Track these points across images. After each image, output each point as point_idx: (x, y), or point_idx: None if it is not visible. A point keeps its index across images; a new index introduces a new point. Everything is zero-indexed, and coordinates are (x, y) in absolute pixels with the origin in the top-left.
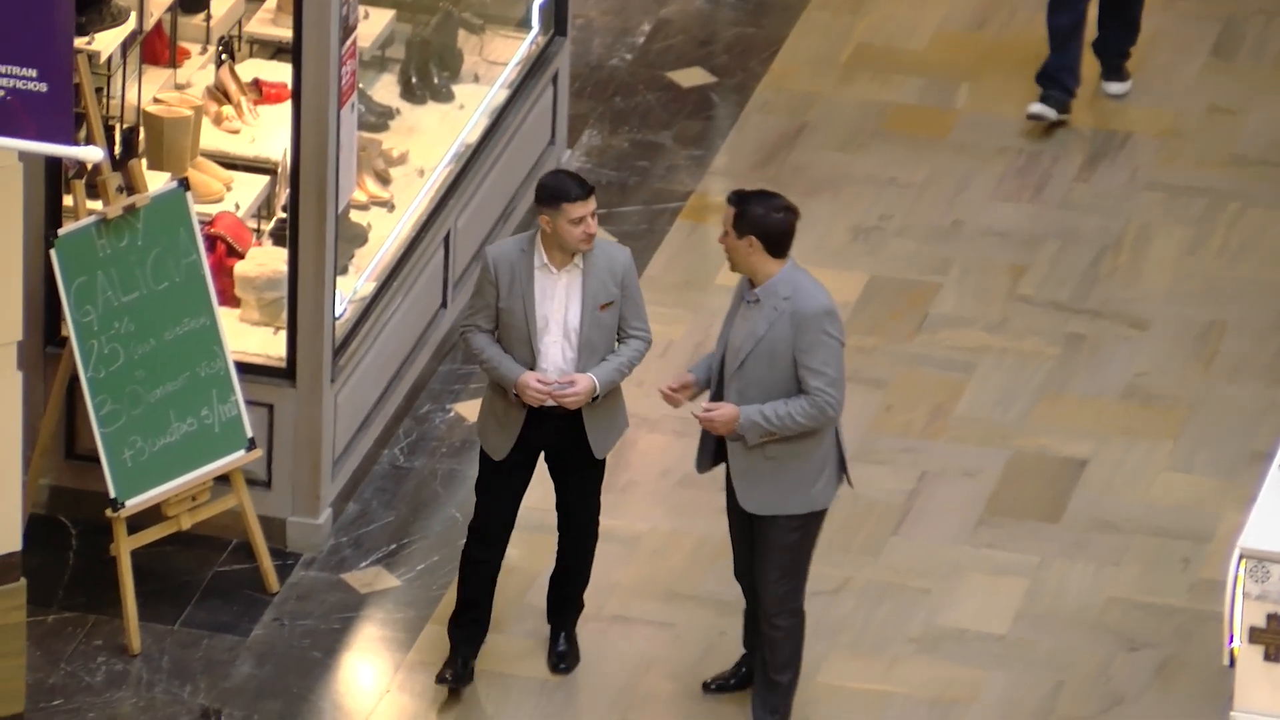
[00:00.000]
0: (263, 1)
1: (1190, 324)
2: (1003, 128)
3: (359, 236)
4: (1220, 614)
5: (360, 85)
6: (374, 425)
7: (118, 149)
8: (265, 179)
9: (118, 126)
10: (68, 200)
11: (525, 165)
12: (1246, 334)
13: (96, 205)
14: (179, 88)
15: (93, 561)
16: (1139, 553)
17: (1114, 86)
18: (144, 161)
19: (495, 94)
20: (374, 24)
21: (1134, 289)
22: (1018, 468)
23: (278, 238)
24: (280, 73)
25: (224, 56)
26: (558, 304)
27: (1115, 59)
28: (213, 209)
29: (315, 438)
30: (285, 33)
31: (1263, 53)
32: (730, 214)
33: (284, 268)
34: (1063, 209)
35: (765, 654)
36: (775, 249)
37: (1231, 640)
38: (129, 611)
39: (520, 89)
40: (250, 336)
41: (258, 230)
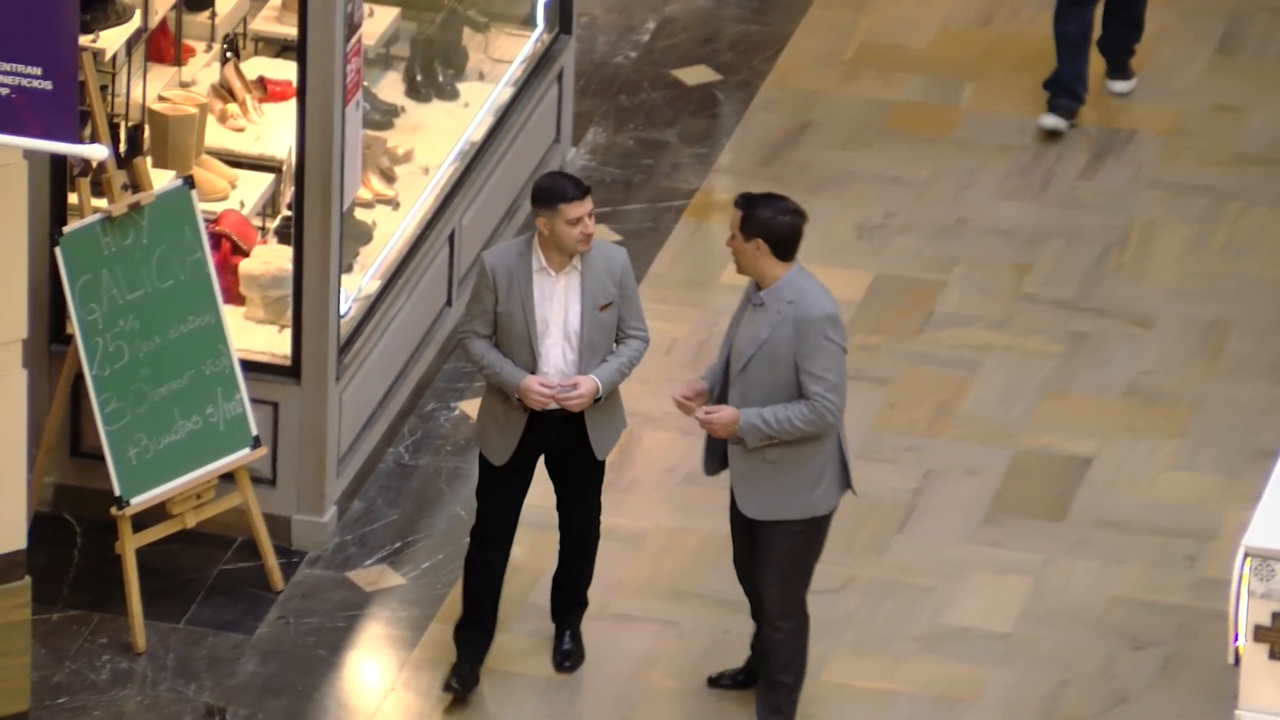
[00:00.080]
0: None
1: (1194, 322)
2: (1007, 125)
3: (364, 234)
4: (1225, 612)
5: (365, 83)
6: (379, 423)
7: (122, 147)
8: (270, 177)
9: (122, 124)
10: (73, 198)
11: (530, 163)
12: (1250, 332)
13: (101, 203)
14: (184, 85)
15: (98, 559)
16: (1143, 551)
17: (1119, 85)
18: (149, 159)
19: (500, 92)
20: (379, 21)
21: (1138, 287)
22: (1022, 466)
23: (283, 235)
24: (285, 70)
25: (229, 54)
26: (557, 306)
27: (1120, 56)
28: (218, 207)
29: (320, 436)
30: (290, 30)
31: (1267, 51)
32: (737, 217)
33: (289, 265)
34: (1067, 207)
35: (769, 655)
36: (782, 252)
37: (1236, 639)
38: (134, 609)
39: (525, 87)
40: (255, 334)
41: (263, 228)
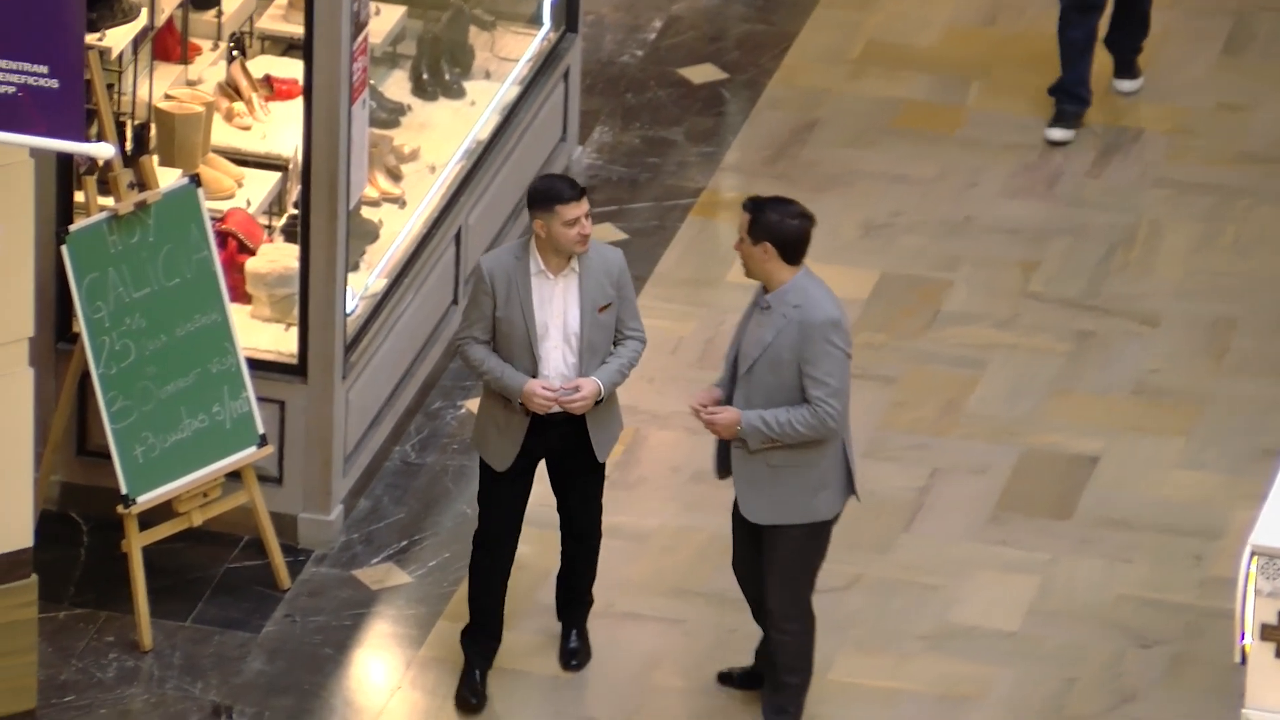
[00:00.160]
0: None
1: (1200, 320)
2: (1013, 124)
3: (370, 233)
4: (1231, 611)
5: (372, 81)
6: (385, 421)
7: (129, 145)
8: (276, 175)
9: (129, 123)
10: (79, 196)
11: (536, 162)
12: (1257, 330)
13: (108, 201)
14: (190, 84)
15: (104, 558)
16: (1150, 549)
17: (1125, 84)
18: (155, 158)
19: (506, 90)
20: (385, 20)
21: (1144, 285)
22: (1028, 464)
23: (289, 234)
24: (292, 69)
25: (235, 52)
26: (556, 309)
27: (1127, 55)
28: (224, 205)
29: (326, 434)
30: (296, 29)
31: (1273, 50)
32: (745, 220)
33: (295, 264)
34: (1073, 206)
35: (774, 656)
36: (790, 256)
37: (1243, 637)
38: (140, 608)
39: (531, 85)
40: (261, 333)
41: (269, 226)
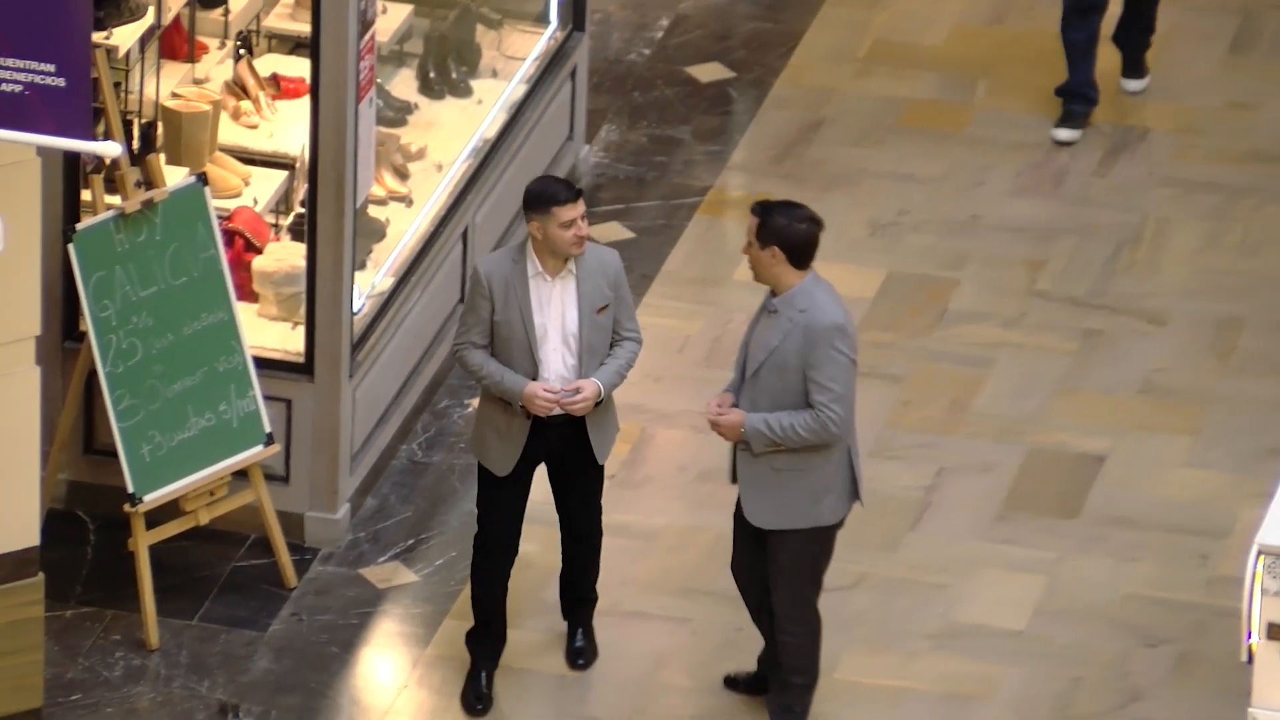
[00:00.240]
0: None
1: (1207, 319)
2: (1020, 123)
3: (377, 232)
4: (1238, 610)
5: (378, 80)
6: (392, 420)
7: (136, 144)
8: (283, 174)
9: (136, 121)
10: (86, 195)
11: (543, 160)
12: (1264, 329)
13: (115, 200)
14: (197, 82)
15: (111, 556)
16: (1156, 548)
17: (1132, 84)
18: (162, 156)
19: (513, 89)
20: (392, 19)
21: (1151, 284)
22: (1035, 463)
23: (296, 233)
24: (298, 67)
25: (242, 51)
26: (555, 311)
27: (1134, 53)
28: (231, 204)
29: (333, 433)
30: (303, 27)
31: (1279, 48)
32: (753, 224)
33: (302, 263)
34: (1080, 204)
35: (780, 657)
36: (797, 260)
37: (1249, 636)
38: (147, 606)
39: (538, 84)
40: (268, 331)
41: (276, 225)
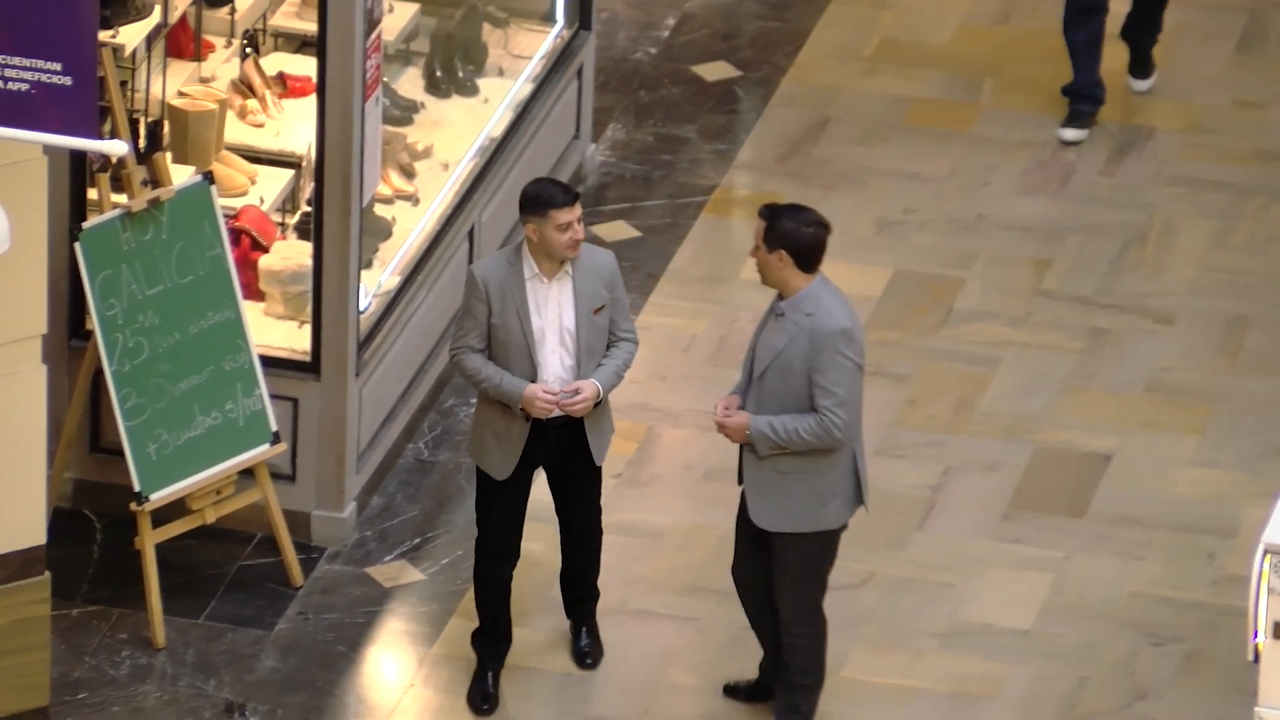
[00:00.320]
0: None
1: (1214, 318)
2: (1026, 122)
3: (383, 230)
4: (1244, 609)
5: (385, 79)
6: (398, 419)
7: (142, 142)
8: (290, 173)
9: (142, 120)
10: (92, 194)
11: (550, 159)
12: (1271, 328)
13: (121, 199)
14: (203, 81)
15: (117, 555)
16: (1163, 547)
17: (1139, 83)
18: (168, 155)
19: (520, 88)
20: (398, 17)
21: (1158, 283)
22: (1041, 462)
23: (302, 231)
24: (305, 66)
25: (248, 50)
26: (552, 313)
27: (1141, 51)
28: (237, 202)
29: (339, 431)
30: (310, 26)
31: None
32: (761, 228)
33: (308, 261)
34: (1086, 203)
35: (786, 658)
36: (805, 264)
37: (1256, 635)
38: (153, 605)
39: (545, 83)
40: (275, 330)
41: (282, 224)
